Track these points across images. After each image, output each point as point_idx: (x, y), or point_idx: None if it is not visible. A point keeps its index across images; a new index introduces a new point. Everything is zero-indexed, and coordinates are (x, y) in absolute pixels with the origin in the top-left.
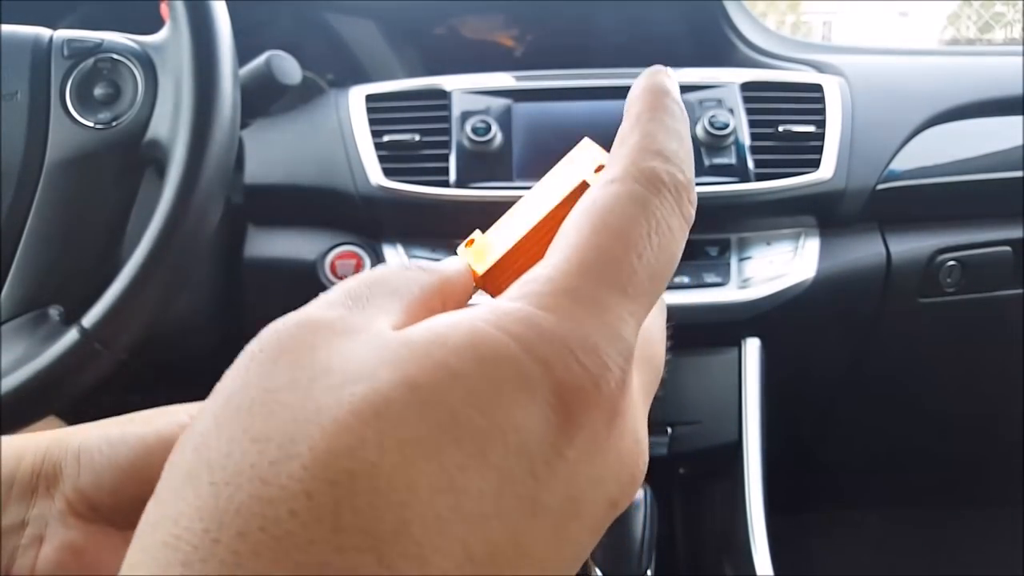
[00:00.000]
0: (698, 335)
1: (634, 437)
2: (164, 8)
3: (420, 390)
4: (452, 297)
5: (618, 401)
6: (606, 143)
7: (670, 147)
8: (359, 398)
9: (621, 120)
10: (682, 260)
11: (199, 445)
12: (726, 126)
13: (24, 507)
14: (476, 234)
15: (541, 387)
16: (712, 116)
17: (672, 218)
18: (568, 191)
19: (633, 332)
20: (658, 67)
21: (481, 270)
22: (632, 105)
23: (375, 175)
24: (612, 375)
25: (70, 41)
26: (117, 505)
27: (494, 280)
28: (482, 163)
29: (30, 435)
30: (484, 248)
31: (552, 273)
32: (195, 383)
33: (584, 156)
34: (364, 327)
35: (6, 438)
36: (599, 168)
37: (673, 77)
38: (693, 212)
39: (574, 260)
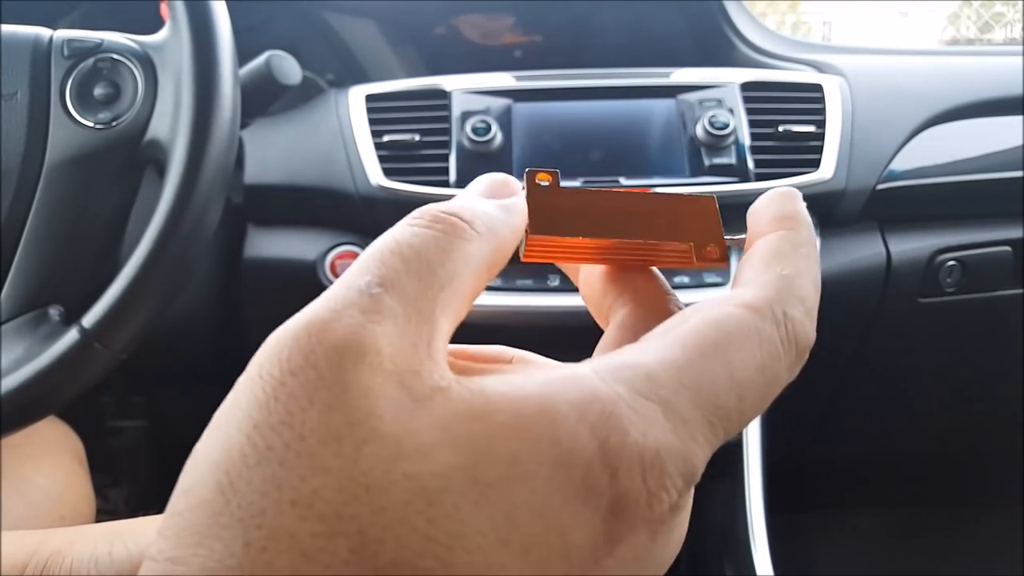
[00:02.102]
0: None
1: (678, 541)
2: (164, 8)
3: (480, 484)
4: (498, 263)
5: (667, 519)
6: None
7: (813, 298)
8: (414, 482)
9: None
10: None
11: (224, 485)
12: (726, 126)
13: None
14: (554, 173)
15: (602, 498)
16: (712, 116)
17: (785, 372)
18: (668, 243)
19: (703, 459)
20: (795, 191)
21: (535, 236)
22: (773, 221)
23: (375, 175)
24: (667, 497)
25: (70, 41)
26: None
27: (538, 252)
28: (482, 163)
29: (35, 542)
30: (550, 205)
31: (655, 371)
32: (194, 383)
33: (703, 213)
34: (416, 364)
35: (16, 533)
36: (711, 250)
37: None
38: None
39: (680, 368)
